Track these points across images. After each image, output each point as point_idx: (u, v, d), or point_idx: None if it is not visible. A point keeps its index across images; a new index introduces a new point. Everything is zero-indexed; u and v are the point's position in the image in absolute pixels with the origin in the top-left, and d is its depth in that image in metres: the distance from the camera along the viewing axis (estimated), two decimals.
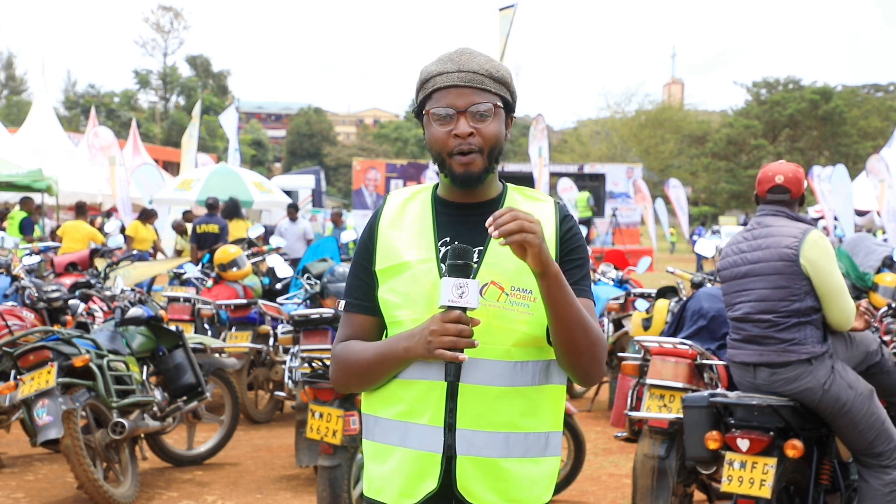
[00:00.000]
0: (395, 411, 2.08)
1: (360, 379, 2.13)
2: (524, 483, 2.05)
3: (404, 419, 2.06)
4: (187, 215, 17.08)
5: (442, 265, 2.05)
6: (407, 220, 2.15)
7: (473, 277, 1.99)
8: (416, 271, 2.07)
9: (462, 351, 1.95)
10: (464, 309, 1.95)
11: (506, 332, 2.04)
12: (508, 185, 2.19)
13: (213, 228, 13.24)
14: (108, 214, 20.54)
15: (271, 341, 7.89)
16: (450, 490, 2.04)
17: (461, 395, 2.01)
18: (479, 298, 1.98)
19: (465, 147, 2.04)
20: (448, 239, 2.10)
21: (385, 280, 2.11)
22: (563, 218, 2.14)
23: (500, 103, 2.08)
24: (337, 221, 18.27)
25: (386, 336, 2.14)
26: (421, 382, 2.05)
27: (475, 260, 2.05)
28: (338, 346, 2.17)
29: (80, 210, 15.44)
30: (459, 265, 1.96)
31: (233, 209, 14.31)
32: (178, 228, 16.78)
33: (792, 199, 4.38)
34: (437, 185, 2.19)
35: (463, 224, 2.12)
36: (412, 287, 2.07)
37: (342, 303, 2.23)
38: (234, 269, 8.60)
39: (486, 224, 1.92)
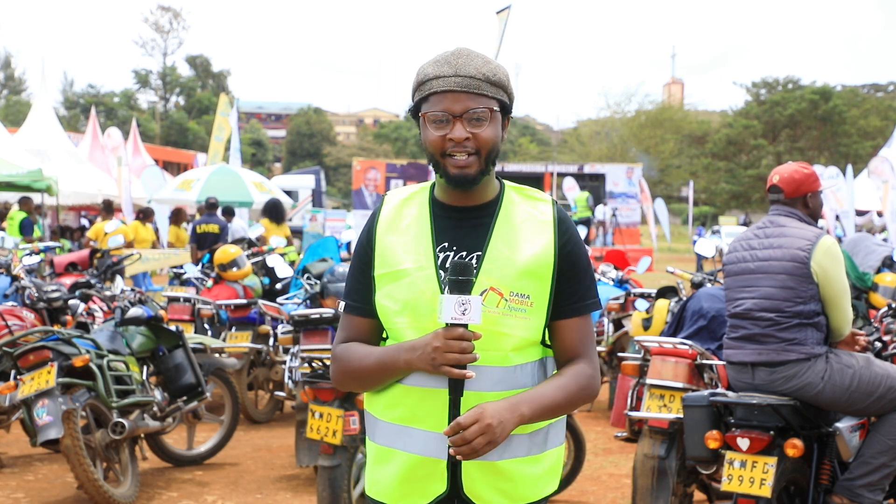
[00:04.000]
0: (396, 415, 2.09)
1: (360, 383, 2.15)
2: (528, 481, 2.08)
3: (405, 424, 2.07)
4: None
5: (441, 272, 2.06)
6: (404, 223, 2.13)
7: (473, 287, 2.00)
8: (414, 279, 2.07)
9: (466, 367, 1.97)
10: (466, 325, 1.96)
11: (505, 337, 2.05)
12: (506, 183, 2.19)
13: (213, 228, 13.21)
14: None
15: (271, 341, 7.89)
16: (454, 492, 2.05)
17: (464, 404, 2.01)
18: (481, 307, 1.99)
19: (459, 149, 2.04)
20: (446, 244, 2.09)
21: (382, 286, 2.11)
22: (561, 221, 2.13)
23: (496, 107, 2.07)
24: (227, 217, 17.16)
25: (385, 338, 2.15)
26: (423, 390, 2.05)
27: (473, 265, 2.05)
28: (338, 348, 2.18)
29: (142, 214, 15.73)
30: (461, 281, 1.96)
31: (274, 210, 13.53)
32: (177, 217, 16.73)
33: (789, 199, 4.38)
34: (433, 186, 2.18)
35: (461, 228, 2.11)
36: (410, 294, 2.07)
37: (343, 303, 2.24)
38: (234, 269, 8.60)
39: (446, 435, 1.98)
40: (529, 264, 2.07)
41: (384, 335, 2.16)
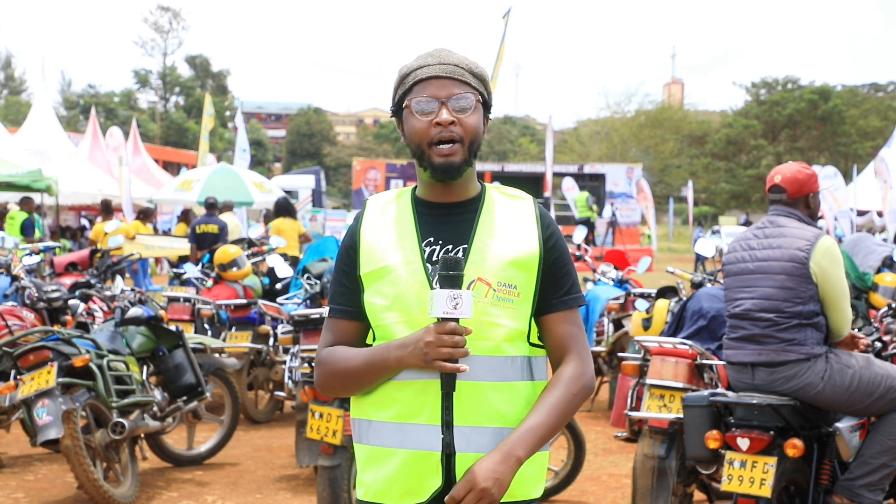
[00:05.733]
0: (391, 413, 2.09)
1: (347, 385, 2.14)
2: (518, 478, 2.08)
3: (401, 420, 2.07)
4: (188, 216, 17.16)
5: (427, 265, 2.08)
6: (389, 222, 2.16)
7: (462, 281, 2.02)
8: (401, 273, 2.09)
9: (458, 362, 1.99)
10: (457, 320, 1.98)
11: (495, 327, 2.07)
12: (486, 184, 2.21)
13: (213, 228, 13.21)
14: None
15: (271, 341, 7.89)
16: (449, 487, 2.05)
17: (457, 392, 2.03)
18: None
19: (446, 135, 2.06)
20: (432, 239, 2.12)
21: (370, 284, 2.12)
22: (543, 217, 2.16)
23: (479, 98, 2.11)
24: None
25: (373, 338, 2.15)
26: (416, 382, 2.06)
27: (463, 261, 2.07)
28: (323, 352, 2.18)
29: (146, 214, 15.80)
30: (451, 276, 1.98)
31: (288, 208, 13.41)
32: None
33: (791, 199, 4.38)
34: (415, 187, 2.21)
35: (445, 223, 2.13)
36: (398, 289, 2.08)
37: (328, 308, 2.25)
38: (234, 269, 8.60)
39: None
40: (516, 255, 2.09)
41: (370, 339, 2.16)
